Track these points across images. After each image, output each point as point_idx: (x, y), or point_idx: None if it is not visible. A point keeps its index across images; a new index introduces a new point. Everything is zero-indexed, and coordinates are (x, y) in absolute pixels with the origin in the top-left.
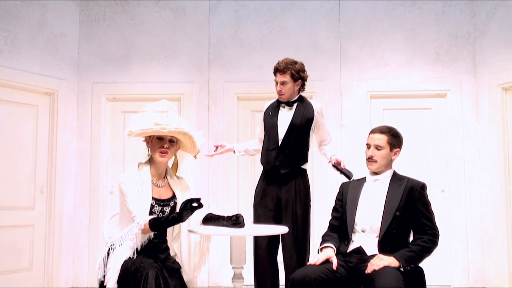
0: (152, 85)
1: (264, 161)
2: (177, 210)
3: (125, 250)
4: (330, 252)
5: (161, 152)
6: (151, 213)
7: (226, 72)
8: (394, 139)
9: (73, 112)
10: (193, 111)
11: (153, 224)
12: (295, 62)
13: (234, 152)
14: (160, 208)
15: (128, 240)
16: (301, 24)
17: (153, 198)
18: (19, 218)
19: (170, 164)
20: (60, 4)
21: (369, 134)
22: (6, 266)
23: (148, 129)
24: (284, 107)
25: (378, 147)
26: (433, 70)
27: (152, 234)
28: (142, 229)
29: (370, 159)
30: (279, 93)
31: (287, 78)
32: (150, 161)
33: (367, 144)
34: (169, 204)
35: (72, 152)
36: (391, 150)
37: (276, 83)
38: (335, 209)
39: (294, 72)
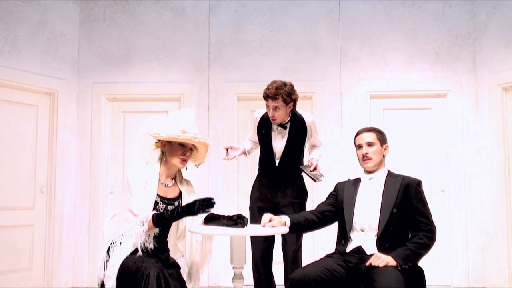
0: (152, 85)
1: (261, 173)
2: None
3: (126, 248)
4: (267, 217)
5: (182, 160)
6: (155, 210)
7: (226, 72)
8: (381, 135)
9: (73, 112)
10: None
11: (156, 219)
12: (285, 85)
13: (246, 154)
14: (164, 206)
15: (130, 238)
16: (301, 24)
17: (158, 196)
18: (19, 218)
19: None
20: (60, 4)
21: (356, 136)
22: (6, 266)
23: (180, 135)
24: (277, 128)
25: (370, 144)
26: (433, 70)
27: (157, 230)
28: (146, 226)
29: (365, 157)
30: (272, 118)
31: (279, 103)
32: (161, 161)
33: (357, 145)
34: (173, 203)
35: (72, 152)
36: (381, 145)
37: (268, 107)
38: (326, 199)
39: (285, 96)
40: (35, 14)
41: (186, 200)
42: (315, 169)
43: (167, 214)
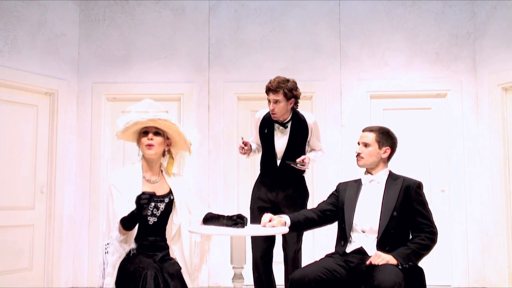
0: (152, 85)
1: (263, 172)
2: (176, 206)
3: (113, 257)
4: (267, 217)
5: (147, 145)
6: (143, 209)
7: (226, 72)
8: (383, 137)
9: (73, 112)
10: (193, 111)
11: (123, 223)
12: (287, 80)
13: (248, 154)
14: (153, 204)
15: (112, 246)
16: (301, 24)
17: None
18: (19, 218)
19: (165, 163)
20: (60, 4)
21: (361, 133)
22: (6, 266)
23: (129, 121)
24: (279, 128)
25: (365, 144)
26: (433, 70)
27: (134, 232)
28: (117, 232)
29: (357, 156)
30: (272, 112)
31: (280, 97)
32: (143, 159)
33: (357, 142)
34: (163, 201)
35: (72, 152)
36: (379, 148)
37: (269, 101)
38: (328, 198)
39: (287, 91)
40: (35, 14)
41: (179, 193)
42: (302, 163)
43: (127, 216)
